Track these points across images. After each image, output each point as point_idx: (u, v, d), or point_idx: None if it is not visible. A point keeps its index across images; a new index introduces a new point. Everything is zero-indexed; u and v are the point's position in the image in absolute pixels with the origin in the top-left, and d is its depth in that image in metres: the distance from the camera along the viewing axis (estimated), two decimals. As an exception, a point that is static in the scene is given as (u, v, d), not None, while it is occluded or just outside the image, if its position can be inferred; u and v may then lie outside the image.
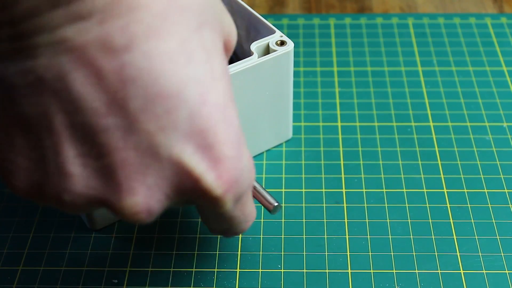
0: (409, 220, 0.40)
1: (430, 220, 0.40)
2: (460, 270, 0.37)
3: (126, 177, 0.24)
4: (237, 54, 0.46)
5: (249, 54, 0.39)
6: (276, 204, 0.34)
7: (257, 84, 0.40)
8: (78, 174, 0.24)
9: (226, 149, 0.25)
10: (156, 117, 0.24)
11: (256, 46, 0.39)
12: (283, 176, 0.43)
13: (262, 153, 0.45)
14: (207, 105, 0.25)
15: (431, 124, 0.47)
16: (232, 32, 0.28)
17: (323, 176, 0.43)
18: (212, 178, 0.25)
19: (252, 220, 0.32)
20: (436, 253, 0.38)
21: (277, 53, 0.39)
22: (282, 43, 0.40)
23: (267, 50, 0.40)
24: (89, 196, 0.25)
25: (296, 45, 0.54)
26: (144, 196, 0.25)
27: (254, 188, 0.34)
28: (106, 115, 0.23)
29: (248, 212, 0.31)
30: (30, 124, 0.24)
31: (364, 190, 0.42)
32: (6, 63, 0.23)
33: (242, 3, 0.43)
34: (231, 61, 0.41)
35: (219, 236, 0.40)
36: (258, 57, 0.39)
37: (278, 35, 0.40)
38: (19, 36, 0.22)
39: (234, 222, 0.30)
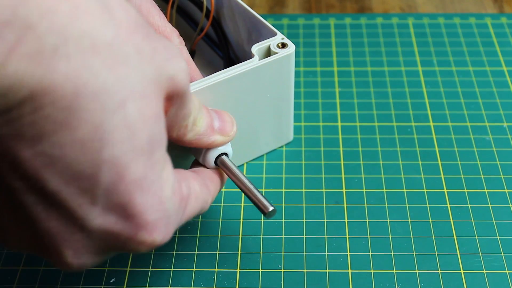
0: (409, 220, 0.40)
1: (430, 220, 0.40)
2: (460, 270, 0.37)
3: (53, 243, 0.27)
4: (238, 56, 0.46)
5: (250, 56, 0.39)
6: (271, 208, 0.33)
7: (258, 87, 0.40)
8: (16, 235, 0.27)
9: (148, 216, 0.27)
10: (74, 195, 0.25)
11: (257, 48, 0.39)
12: (283, 176, 0.43)
13: (263, 155, 0.45)
14: (123, 182, 0.26)
15: (431, 124, 0.47)
16: (177, 75, 0.27)
17: (323, 176, 0.43)
18: (141, 238, 0.27)
19: (211, 200, 0.34)
20: (436, 253, 0.38)
21: (278, 55, 0.39)
22: (284, 45, 0.40)
23: (268, 53, 0.40)
24: (31, 252, 0.28)
25: (296, 45, 0.54)
26: (72, 257, 0.27)
27: (250, 190, 0.34)
28: (26, 193, 0.25)
29: (197, 211, 0.32)
30: None
31: (364, 190, 0.42)
32: None
33: (244, 4, 0.43)
34: (233, 63, 0.41)
35: (219, 236, 0.40)
36: (259, 59, 0.39)
37: (279, 37, 0.40)
38: None
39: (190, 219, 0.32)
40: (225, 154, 0.35)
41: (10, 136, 0.24)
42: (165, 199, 0.28)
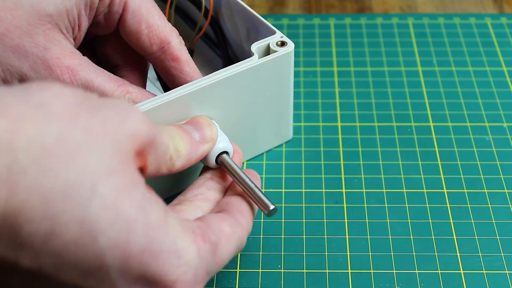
0: (409, 220, 0.40)
1: (430, 220, 0.40)
2: (460, 270, 0.37)
3: None
4: (237, 55, 0.46)
5: (249, 55, 0.39)
6: (272, 207, 0.33)
7: (257, 85, 0.40)
8: None
9: (170, 276, 0.27)
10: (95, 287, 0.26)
11: (256, 47, 0.39)
12: (283, 176, 0.43)
13: (262, 153, 0.45)
14: (132, 257, 0.25)
15: (431, 124, 0.47)
16: (137, 130, 0.27)
17: (323, 176, 0.43)
18: None
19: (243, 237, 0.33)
20: (436, 253, 0.38)
21: (277, 53, 0.39)
22: (283, 43, 0.40)
23: (267, 51, 0.40)
24: None
25: (296, 45, 0.54)
26: None
27: (251, 189, 0.34)
28: None
29: (233, 251, 0.32)
30: None
31: (364, 190, 0.42)
32: None
33: (242, 3, 0.43)
34: (231, 62, 0.41)
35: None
36: (259, 58, 0.39)
37: (278, 35, 0.40)
38: None
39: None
40: (226, 152, 0.36)
41: (11, 261, 0.24)
42: (183, 251, 0.27)
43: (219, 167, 0.36)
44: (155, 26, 0.37)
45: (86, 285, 0.25)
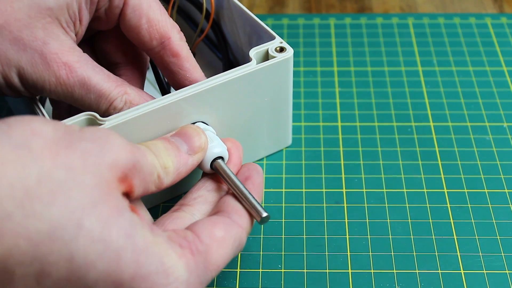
0: (409, 220, 0.40)
1: (430, 220, 0.40)
2: (460, 270, 0.37)
3: None
4: (238, 59, 0.46)
5: (249, 58, 0.39)
6: (265, 214, 0.33)
7: (255, 91, 0.39)
8: None
9: None
10: None
11: (255, 52, 0.39)
12: (283, 176, 0.43)
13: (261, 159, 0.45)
14: (124, 285, 0.26)
15: (431, 124, 0.47)
16: (117, 158, 0.27)
17: (323, 176, 0.43)
18: None
19: None
20: (436, 253, 0.38)
21: (276, 59, 0.39)
22: (282, 49, 0.39)
23: (266, 56, 0.39)
24: None
25: (296, 45, 0.54)
26: None
27: (244, 196, 0.33)
28: None
29: (230, 253, 0.32)
30: None
31: (364, 190, 0.42)
32: None
33: (243, 7, 0.43)
34: (232, 65, 0.40)
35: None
36: (257, 63, 0.38)
37: (278, 41, 0.39)
38: None
39: None
40: (221, 158, 0.35)
41: None
42: (171, 269, 0.27)
43: (213, 172, 0.36)
44: (155, 20, 0.37)
45: None
